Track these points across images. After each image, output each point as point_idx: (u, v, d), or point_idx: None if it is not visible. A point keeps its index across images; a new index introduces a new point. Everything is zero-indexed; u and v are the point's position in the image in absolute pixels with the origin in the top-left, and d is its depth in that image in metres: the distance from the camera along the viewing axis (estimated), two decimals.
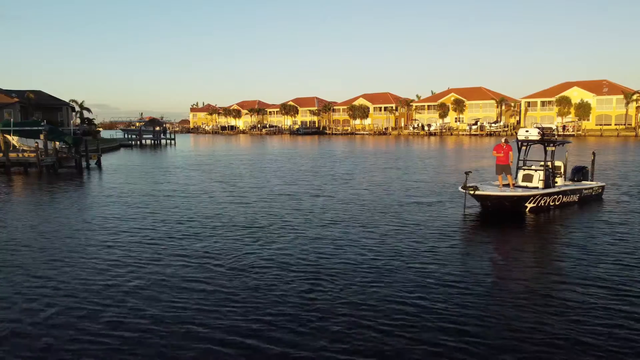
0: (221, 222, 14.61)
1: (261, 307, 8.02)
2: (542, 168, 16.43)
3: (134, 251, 11.52)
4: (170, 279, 9.45)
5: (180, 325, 7.34)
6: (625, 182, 22.91)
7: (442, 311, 7.78)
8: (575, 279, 9.28)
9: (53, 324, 7.46)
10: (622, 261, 10.35)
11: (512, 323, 7.32)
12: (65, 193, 21.85)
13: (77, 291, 8.87)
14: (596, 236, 12.69)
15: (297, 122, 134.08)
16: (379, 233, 13.11)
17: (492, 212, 15.74)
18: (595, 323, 7.30)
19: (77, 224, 14.89)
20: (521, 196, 15.51)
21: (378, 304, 8.11)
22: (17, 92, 61.04)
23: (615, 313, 7.66)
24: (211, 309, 7.93)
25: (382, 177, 26.51)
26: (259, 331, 7.11)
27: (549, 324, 7.28)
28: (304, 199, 19.16)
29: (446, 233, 13.08)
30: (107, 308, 8.06)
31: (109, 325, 7.39)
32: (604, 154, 40.18)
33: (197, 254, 11.16)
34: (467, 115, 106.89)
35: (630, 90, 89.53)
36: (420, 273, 9.66)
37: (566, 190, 16.68)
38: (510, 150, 16.51)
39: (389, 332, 7.03)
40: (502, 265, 10.57)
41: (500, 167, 16.60)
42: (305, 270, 9.95)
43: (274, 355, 6.43)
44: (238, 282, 9.21)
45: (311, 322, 7.40)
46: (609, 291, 8.61)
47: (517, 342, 6.70)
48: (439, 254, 11.07)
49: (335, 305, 8.02)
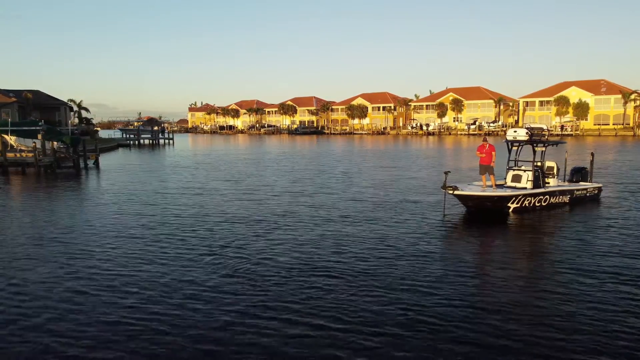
0: (218, 222, 14.59)
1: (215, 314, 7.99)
2: (531, 169, 16.14)
3: (132, 251, 11.47)
4: (170, 279, 9.41)
5: (180, 323, 7.32)
6: (625, 184, 22.56)
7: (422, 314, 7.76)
8: (550, 282, 9.20)
9: (50, 324, 7.40)
10: (595, 266, 10.02)
11: (493, 323, 7.30)
12: (64, 193, 21.77)
13: (75, 291, 8.82)
14: (572, 238, 12.39)
15: (296, 122, 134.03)
16: (356, 232, 13.03)
17: (475, 212, 15.50)
18: (574, 328, 7.26)
19: (75, 223, 14.83)
20: (502, 196, 15.22)
21: (356, 306, 8.08)
22: (14, 91, 60.85)
23: (595, 315, 7.64)
24: (209, 307, 7.92)
25: (374, 176, 26.52)
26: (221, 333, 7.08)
27: (530, 326, 7.24)
28: (287, 199, 19.16)
29: (425, 233, 12.92)
30: (106, 307, 8.02)
31: (109, 324, 7.35)
32: (602, 154, 40.23)
33: (196, 253, 11.12)
34: (465, 115, 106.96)
35: (628, 89, 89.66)
36: (391, 272, 9.59)
37: (554, 191, 16.29)
38: (493, 151, 16.22)
39: (371, 333, 7.02)
40: (471, 266, 10.38)
41: (484, 168, 16.37)
42: (286, 271, 9.93)
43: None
44: (218, 279, 9.19)
45: (275, 329, 7.37)
46: (582, 289, 8.59)
47: (502, 345, 6.65)
48: (413, 255, 10.84)
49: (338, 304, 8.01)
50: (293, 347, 6.63)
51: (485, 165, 16.31)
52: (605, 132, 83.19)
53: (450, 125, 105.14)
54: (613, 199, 18.31)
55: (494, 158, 16.24)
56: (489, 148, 16.28)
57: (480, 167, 16.60)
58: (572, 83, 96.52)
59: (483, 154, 16.30)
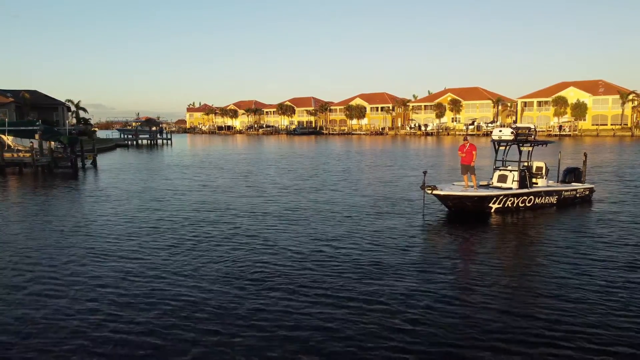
0: (217, 221, 14.57)
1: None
2: (517, 169, 15.80)
3: (130, 249, 11.42)
4: (169, 278, 9.36)
5: (179, 321, 7.26)
6: (619, 185, 22.19)
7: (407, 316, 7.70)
8: (525, 283, 9.11)
9: (47, 324, 7.34)
10: (578, 267, 9.84)
11: (478, 322, 7.25)
12: (61, 193, 21.68)
13: (73, 291, 8.76)
14: (552, 240, 12.17)
15: (294, 122, 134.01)
16: (335, 234, 12.97)
17: (456, 213, 15.21)
18: (554, 327, 7.22)
19: (73, 223, 14.75)
20: (483, 196, 14.90)
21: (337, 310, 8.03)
22: (12, 91, 60.66)
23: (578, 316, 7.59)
24: (209, 306, 7.86)
25: (363, 175, 26.51)
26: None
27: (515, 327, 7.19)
28: (277, 200, 19.11)
29: (402, 234, 12.72)
30: (104, 307, 7.96)
31: (107, 324, 7.29)
32: (601, 153, 40.27)
33: (195, 253, 11.08)
34: (463, 115, 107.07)
35: (626, 90, 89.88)
36: (363, 278, 9.36)
37: (539, 191, 15.96)
38: (474, 150, 15.91)
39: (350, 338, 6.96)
40: (447, 267, 10.16)
41: (464, 167, 16.08)
42: (268, 278, 9.87)
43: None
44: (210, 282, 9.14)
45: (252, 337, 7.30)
46: (561, 290, 8.53)
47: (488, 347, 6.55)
48: (386, 257, 10.56)
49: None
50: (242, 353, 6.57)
51: (465, 165, 16.02)
52: (603, 132, 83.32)
53: (449, 125, 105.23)
54: (605, 200, 17.79)
55: (475, 158, 15.94)
56: (470, 147, 15.93)
57: (461, 166, 16.31)
58: (570, 83, 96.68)
59: (463, 154, 15.98)
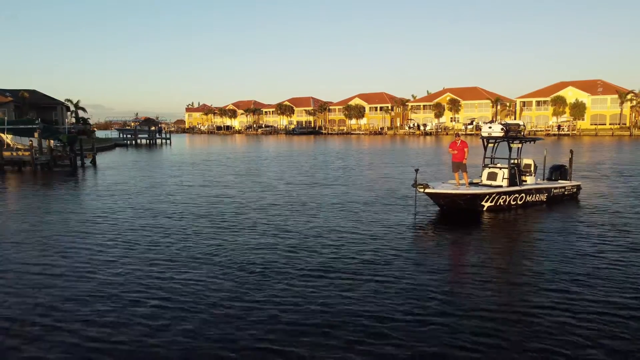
0: (216, 221, 14.61)
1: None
2: (507, 166, 15.56)
3: (129, 249, 11.45)
4: (169, 276, 9.39)
5: (178, 320, 7.29)
6: (604, 182, 22.10)
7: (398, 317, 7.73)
8: (521, 281, 9.07)
9: (46, 324, 7.35)
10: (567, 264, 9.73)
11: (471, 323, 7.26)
12: (60, 191, 21.70)
13: (72, 291, 8.78)
14: (545, 238, 12.08)
15: (293, 122, 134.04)
16: (323, 230, 12.97)
17: (448, 211, 15.00)
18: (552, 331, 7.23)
19: (72, 222, 14.77)
20: (475, 194, 14.69)
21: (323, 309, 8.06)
22: (11, 91, 60.56)
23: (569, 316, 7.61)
24: (211, 303, 7.90)
25: (358, 175, 26.56)
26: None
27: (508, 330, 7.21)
28: (265, 199, 19.15)
29: (393, 233, 12.52)
30: (104, 306, 7.99)
31: (107, 324, 7.31)
32: (600, 153, 40.33)
33: (195, 252, 11.11)
34: (462, 115, 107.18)
35: (625, 90, 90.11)
36: (354, 277, 9.26)
37: (530, 189, 15.77)
38: (465, 147, 15.66)
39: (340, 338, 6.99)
40: (439, 267, 10.08)
41: (456, 165, 15.78)
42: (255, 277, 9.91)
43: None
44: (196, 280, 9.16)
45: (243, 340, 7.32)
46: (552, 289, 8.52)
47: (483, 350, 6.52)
48: (377, 256, 10.38)
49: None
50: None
51: (457, 162, 15.73)
52: (602, 132, 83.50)
53: (448, 125, 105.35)
54: (592, 197, 17.83)
55: (467, 155, 15.69)
56: (461, 144, 15.71)
57: (453, 164, 15.97)
58: (569, 83, 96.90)
59: (455, 151, 15.75)
